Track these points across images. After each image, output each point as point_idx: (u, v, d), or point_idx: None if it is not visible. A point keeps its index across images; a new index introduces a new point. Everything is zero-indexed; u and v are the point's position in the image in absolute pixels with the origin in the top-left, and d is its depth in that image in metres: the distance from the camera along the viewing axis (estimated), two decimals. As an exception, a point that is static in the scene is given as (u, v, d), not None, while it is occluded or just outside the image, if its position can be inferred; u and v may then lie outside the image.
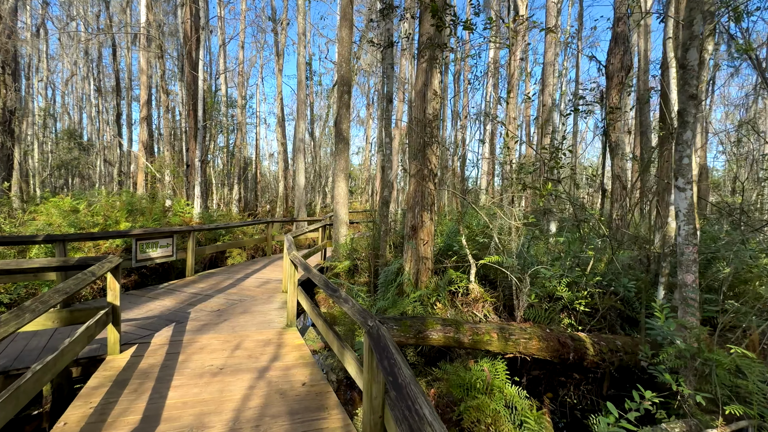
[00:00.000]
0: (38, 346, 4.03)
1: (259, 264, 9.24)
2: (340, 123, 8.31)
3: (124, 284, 7.49)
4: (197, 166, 11.57)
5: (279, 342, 4.33)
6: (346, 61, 8.39)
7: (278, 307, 5.66)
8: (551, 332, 3.25)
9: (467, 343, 3.08)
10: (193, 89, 12.49)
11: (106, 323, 3.64)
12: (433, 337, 3.05)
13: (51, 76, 28.14)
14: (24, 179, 18.27)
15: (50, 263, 3.62)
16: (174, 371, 3.54)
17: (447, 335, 3.06)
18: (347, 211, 8.41)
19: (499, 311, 4.25)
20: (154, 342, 4.20)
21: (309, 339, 5.12)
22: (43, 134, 23.03)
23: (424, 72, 5.43)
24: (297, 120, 14.64)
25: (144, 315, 5.13)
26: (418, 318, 3.15)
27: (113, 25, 21.20)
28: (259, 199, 22.69)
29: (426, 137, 5.29)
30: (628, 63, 6.42)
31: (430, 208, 5.36)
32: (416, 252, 5.31)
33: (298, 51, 14.70)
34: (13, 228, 7.83)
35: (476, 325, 3.20)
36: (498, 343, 3.11)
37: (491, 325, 3.24)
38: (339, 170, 8.33)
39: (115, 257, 3.81)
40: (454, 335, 3.06)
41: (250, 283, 7.22)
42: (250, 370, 3.60)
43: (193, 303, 5.73)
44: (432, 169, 5.36)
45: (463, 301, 4.38)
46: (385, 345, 1.87)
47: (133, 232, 6.45)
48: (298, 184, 14.14)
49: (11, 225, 7.83)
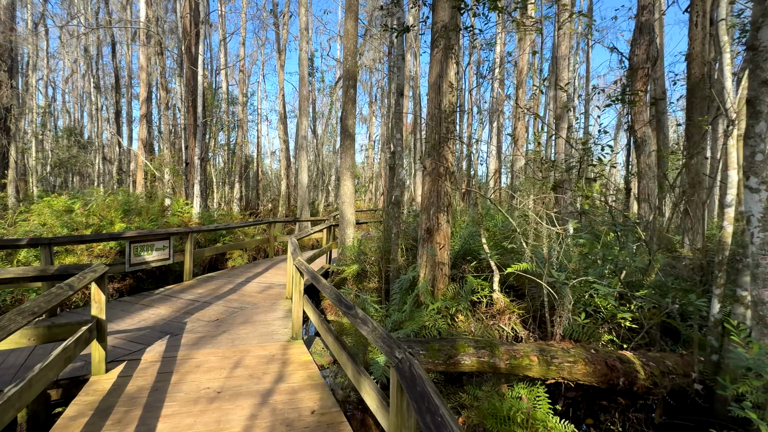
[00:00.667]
0: (15, 363, 3.63)
1: (261, 267, 8.83)
2: (346, 119, 7.89)
3: (118, 289, 7.09)
4: (197, 164, 11.17)
5: (284, 358, 3.91)
6: (351, 54, 7.96)
7: (282, 316, 5.25)
8: (597, 353, 2.83)
9: (504, 368, 2.67)
10: (192, 85, 12.08)
11: (89, 340, 3.23)
12: (466, 362, 2.63)
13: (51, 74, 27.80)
14: (22, 178, 17.91)
15: (26, 273, 3.22)
16: (165, 396, 3.13)
17: (481, 360, 2.64)
18: (354, 211, 7.99)
19: (528, 325, 3.83)
20: (145, 359, 3.79)
21: (315, 352, 4.70)
22: (42, 132, 22.67)
23: (439, 63, 4.99)
24: (299, 117, 14.21)
25: (136, 325, 4.73)
26: (448, 340, 2.73)
27: (112, 22, 20.80)
28: (260, 197, 22.29)
29: (442, 132, 4.86)
30: (654, 53, 5.97)
31: (446, 209, 4.94)
32: (432, 257, 4.89)
33: (300, 46, 14.26)
34: (2, 229, 7.44)
35: (513, 347, 2.78)
36: (539, 368, 2.70)
37: (530, 346, 2.82)
38: (345, 168, 7.91)
39: (100, 265, 3.40)
40: (489, 360, 2.65)
41: (251, 288, 6.81)
42: (251, 393, 3.19)
43: (190, 311, 5.33)
44: (448, 167, 4.94)
45: (487, 313, 3.97)
46: (423, 390, 1.46)
47: (126, 234, 6.04)
48: (301, 183, 13.72)
49: (0, 226, 7.44)
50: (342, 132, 7.97)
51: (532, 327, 3.84)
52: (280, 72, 17.93)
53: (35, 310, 2.23)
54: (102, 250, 7.29)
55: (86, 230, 7.69)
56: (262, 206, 21.01)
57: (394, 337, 2.03)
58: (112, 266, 6.05)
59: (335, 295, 2.75)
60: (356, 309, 2.44)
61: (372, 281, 6.35)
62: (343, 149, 7.97)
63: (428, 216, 4.95)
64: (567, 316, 3.18)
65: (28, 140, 19.30)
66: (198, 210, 10.96)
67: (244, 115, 19.83)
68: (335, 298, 2.71)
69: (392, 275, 5.64)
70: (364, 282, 6.53)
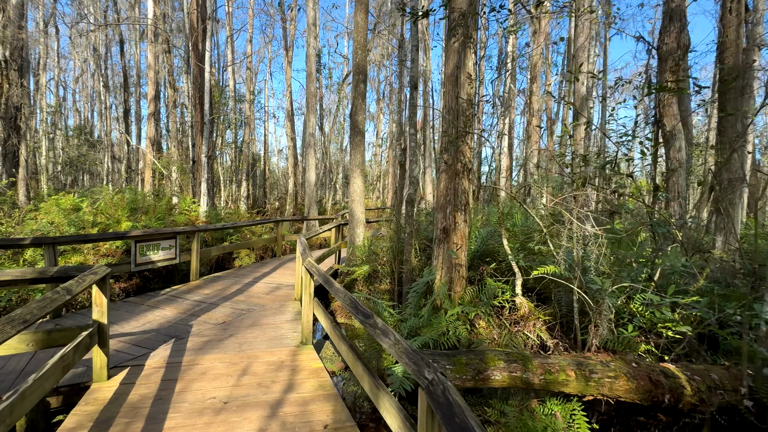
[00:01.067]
0: (16, 369, 3.48)
1: (268, 266, 8.65)
2: (356, 114, 7.66)
3: (124, 289, 6.96)
4: (204, 162, 11.03)
5: (293, 365, 3.71)
6: (361, 47, 7.72)
7: (291, 319, 5.05)
8: (639, 367, 2.57)
9: (538, 384, 2.43)
10: (199, 82, 11.94)
11: (89, 346, 3.05)
12: (496, 378, 2.40)
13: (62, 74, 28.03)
14: (33, 176, 18.01)
15: (25, 275, 3.05)
16: (169, 406, 2.94)
17: (513, 375, 2.40)
18: (363, 210, 7.76)
19: (555, 332, 3.58)
20: (149, 364, 3.61)
21: (326, 357, 4.49)
22: (53, 132, 22.83)
23: (456, 52, 4.74)
24: (307, 114, 14.02)
25: (141, 328, 4.56)
26: (476, 353, 2.49)
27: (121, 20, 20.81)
28: (267, 196, 22.19)
29: (460, 126, 4.61)
30: (686, 42, 5.64)
31: (464, 207, 4.68)
32: (448, 258, 4.64)
33: (307, 42, 14.06)
34: (9, 227, 7.35)
35: (548, 360, 2.53)
36: (576, 384, 2.46)
37: (565, 359, 2.57)
38: (354, 165, 7.69)
39: (101, 267, 3.22)
40: (521, 375, 2.41)
41: (259, 288, 6.62)
42: (259, 404, 2.99)
43: (196, 313, 5.15)
44: (466, 163, 4.68)
45: (510, 319, 3.72)
46: (464, 424, 1.22)
47: (131, 233, 5.89)
48: (309, 181, 13.53)
49: (8, 225, 7.35)
50: (351, 128, 7.74)
51: (558, 334, 3.58)
52: (288, 69, 17.76)
53: (27, 318, 2.04)
54: (108, 249, 7.16)
55: (93, 229, 7.58)
56: (269, 205, 20.91)
57: (418, 350, 1.79)
58: (118, 266, 5.92)
59: (351, 302, 2.52)
60: (374, 318, 2.21)
61: (384, 282, 6.12)
62: (352, 146, 7.75)
63: (444, 215, 4.70)
64: (605, 325, 2.92)
65: (38, 139, 19.41)
66: (205, 208, 10.83)
67: (251, 113, 19.71)
68: (351, 305, 2.49)
69: (405, 277, 5.41)
70: (375, 283, 6.31)
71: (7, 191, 9.49)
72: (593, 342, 2.99)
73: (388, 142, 26.57)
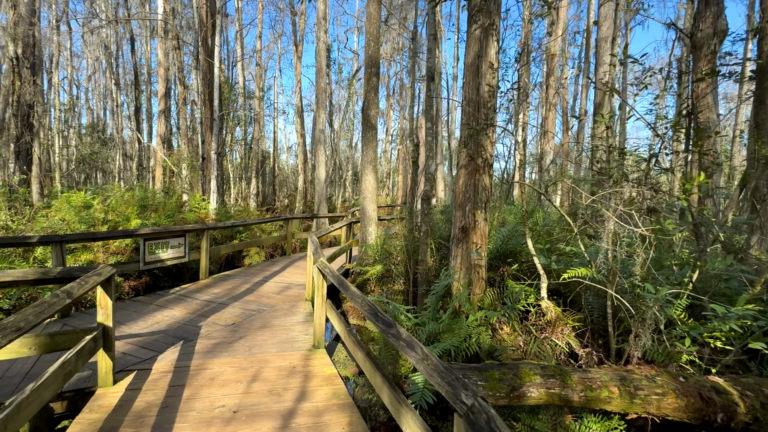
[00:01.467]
0: (20, 372, 3.36)
1: (278, 265, 8.51)
2: (368, 109, 7.43)
3: (134, 287, 6.87)
4: (213, 159, 10.93)
5: (306, 371, 3.52)
6: (374, 39, 7.48)
7: (302, 321, 4.87)
8: (687, 382, 2.32)
9: (578, 401, 2.20)
10: (209, 78, 11.83)
11: (93, 351, 2.90)
12: (532, 395, 2.17)
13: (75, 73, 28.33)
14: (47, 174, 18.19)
15: (26, 275, 2.91)
16: (176, 415, 2.78)
17: (550, 391, 2.18)
18: (375, 207, 7.55)
19: (585, 339, 3.33)
20: (156, 368, 3.47)
21: (338, 361, 4.31)
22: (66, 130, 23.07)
23: (478, 41, 4.48)
24: (317, 109, 13.83)
25: (149, 329, 4.43)
26: (509, 366, 2.27)
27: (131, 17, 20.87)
28: (277, 193, 22.13)
29: (481, 119, 4.36)
30: (723, 27, 5.28)
31: (484, 205, 4.44)
32: (468, 258, 4.41)
33: (317, 37, 13.86)
34: (20, 225, 7.32)
35: (588, 375, 2.30)
36: (620, 401, 2.22)
37: (607, 374, 2.33)
38: (366, 161, 7.47)
39: (105, 267, 3.07)
40: (560, 391, 2.18)
41: (269, 288, 6.47)
42: (271, 414, 2.81)
43: (205, 314, 5.01)
44: (487, 158, 4.44)
45: (536, 324, 3.48)
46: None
47: (140, 232, 5.77)
48: (319, 178, 13.37)
49: (18, 222, 7.32)
50: (363, 123, 7.53)
51: (589, 342, 3.33)
52: (297, 64, 17.59)
53: (21, 326, 1.88)
54: (118, 247, 7.09)
55: (103, 226, 7.51)
56: (278, 202, 20.83)
57: (451, 367, 1.58)
58: (127, 264, 5.81)
59: (370, 309, 2.32)
60: (398, 327, 2.00)
61: (397, 283, 5.92)
62: (364, 142, 7.54)
63: (463, 213, 4.46)
64: (648, 335, 2.66)
65: (51, 137, 19.60)
66: (215, 206, 10.74)
67: (260, 110, 19.62)
68: (370, 311, 2.28)
69: (420, 277, 5.19)
70: (389, 284, 6.10)
71: (19, 188, 9.49)
72: (634, 353, 2.74)
73: (398, 138, 26.32)
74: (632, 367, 2.67)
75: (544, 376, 2.24)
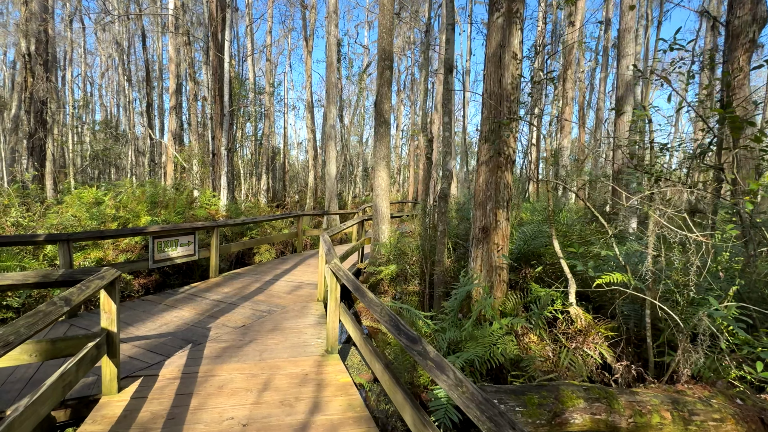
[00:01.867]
0: (24, 377, 3.24)
1: (289, 263, 8.36)
2: (381, 103, 7.20)
3: (144, 285, 6.79)
4: (223, 154, 10.82)
5: (319, 378, 3.34)
6: (387, 31, 7.23)
7: (314, 323, 4.70)
8: (745, 405, 2.07)
9: (626, 428, 1.96)
10: (219, 73, 11.70)
11: (96, 359, 2.76)
12: (576, 421, 1.95)
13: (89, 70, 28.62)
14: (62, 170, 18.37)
15: (26, 279, 2.77)
16: (182, 427, 2.61)
17: (596, 417, 1.95)
18: (388, 205, 7.33)
19: (619, 349, 3.07)
20: (163, 374, 3.32)
21: (352, 366, 4.12)
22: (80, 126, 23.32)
23: (500, 30, 4.20)
24: (327, 104, 13.63)
25: (157, 331, 4.29)
26: (549, 389, 2.04)
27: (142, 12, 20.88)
28: (287, 189, 22.06)
29: (503, 113, 4.10)
30: (763, 14, 4.90)
31: (506, 204, 4.19)
32: (488, 260, 4.17)
33: (328, 30, 13.62)
34: (31, 222, 7.29)
35: (635, 397, 2.06)
36: (673, 428, 1.98)
37: (657, 396, 2.09)
38: (379, 157, 7.25)
39: (109, 270, 2.91)
40: (606, 417, 1.95)
41: (279, 287, 6.31)
42: (282, 428, 2.63)
43: (214, 315, 4.87)
44: (510, 154, 4.18)
45: (564, 333, 3.23)
46: None
47: (149, 229, 5.65)
48: (329, 174, 13.19)
49: (29, 219, 7.29)
50: (376, 118, 7.29)
51: (624, 352, 3.08)
52: (308, 59, 17.38)
53: (10, 340, 1.72)
54: (128, 244, 7.01)
55: (113, 223, 7.44)
56: (288, 198, 20.75)
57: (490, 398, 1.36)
58: (136, 263, 5.71)
59: (390, 319, 2.11)
60: (424, 344, 1.79)
61: (412, 284, 5.70)
62: (377, 137, 7.31)
63: (484, 212, 4.22)
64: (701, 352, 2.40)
65: (65, 133, 19.79)
66: (225, 202, 10.65)
67: (271, 105, 19.50)
68: (391, 324, 2.07)
69: (437, 279, 4.97)
70: (402, 284, 5.89)
71: (31, 185, 9.49)
72: (683, 371, 2.48)
73: (409, 134, 26.00)
74: (682, 387, 2.42)
75: (588, 399, 2.01)
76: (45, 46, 12.90)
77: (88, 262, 6.24)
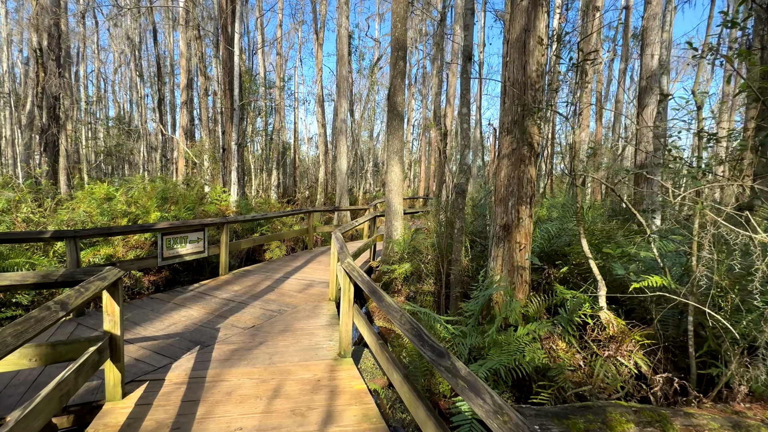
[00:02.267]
0: (27, 380, 3.13)
1: (300, 260, 8.22)
2: (395, 95, 6.95)
3: (153, 282, 6.71)
4: (234, 150, 10.70)
5: (332, 384, 3.16)
6: (401, 20, 6.95)
7: (326, 324, 4.52)
8: (818, 432, 1.83)
9: (683, 459, 1.75)
10: (229, 66, 11.56)
11: (98, 364, 2.61)
12: (628, 451, 1.73)
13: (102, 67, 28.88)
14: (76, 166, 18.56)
15: (25, 279, 2.63)
16: (188, 439, 2.46)
17: (650, 447, 1.73)
18: (401, 201, 7.11)
19: (656, 359, 2.82)
20: (169, 379, 3.17)
21: (365, 369, 3.93)
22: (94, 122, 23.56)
23: (524, 13, 3.92)
24: (338, 98, 13.41)
25: (165, 331, 4.17)
26: (595, 411, 1.82)
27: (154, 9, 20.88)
28: (297, 185, 21.97)
29: (527, 102, 3.83)
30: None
31: (529, 200, 3.93)
32: (510, 259, 3.93)
33: (338, 23, 13.36)
34: (41, 218, 7.26)
35: (691, 419, 1.83)
36: (738, 460, 1.75)
37: (716, 418, 1.85)
38: (392, 152, 7.01)
39: (112, 270, 2.76)
40: (662, 447, 1.73)
41: (290, 285, 6.16)
42: (293, 442, 2.45)
43: (223, 314, 4.73)
44: (534, 147, 3.91)
45: (595, 339, 2.99)
46: None
47: (158, 226, 5.54)
48: (340, 169, 13.00)
49: (40, 215, 7.26)
50: (389, 111, 7.05)
51: (661, 362, 2.82)
52: (318, 52, 17.15)
53: None
54: (137, 241, 6.92)
55: (123, 219, 7.37)
56: (299, 194, 20.65)
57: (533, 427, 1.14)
58: (145, 260, 5.61)
59: (413, 329, 1.90)
60: (452, 359, 1.58)
61: (427, 283, 5.49)
62: (390, 131, 7.07)
63: (506, 209, 3.97)
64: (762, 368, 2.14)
65: (79, 129, 19.97)
66: (235, 198, 10.54)
67: (281, 100, 19.36)
68: (413, 334, 1.86)
69: (454, 278, 4.74)
70: (417, 283, 5.68)
71: (43, 180, 9.50)
72: (739, 388, 2.23)
73: (420, 128, 25.65)
74: (739, 406, 2.17)
75: (639, 423, 1.78)
76: (57, 41, 12.90)
77: (97, 259, 6.17)
